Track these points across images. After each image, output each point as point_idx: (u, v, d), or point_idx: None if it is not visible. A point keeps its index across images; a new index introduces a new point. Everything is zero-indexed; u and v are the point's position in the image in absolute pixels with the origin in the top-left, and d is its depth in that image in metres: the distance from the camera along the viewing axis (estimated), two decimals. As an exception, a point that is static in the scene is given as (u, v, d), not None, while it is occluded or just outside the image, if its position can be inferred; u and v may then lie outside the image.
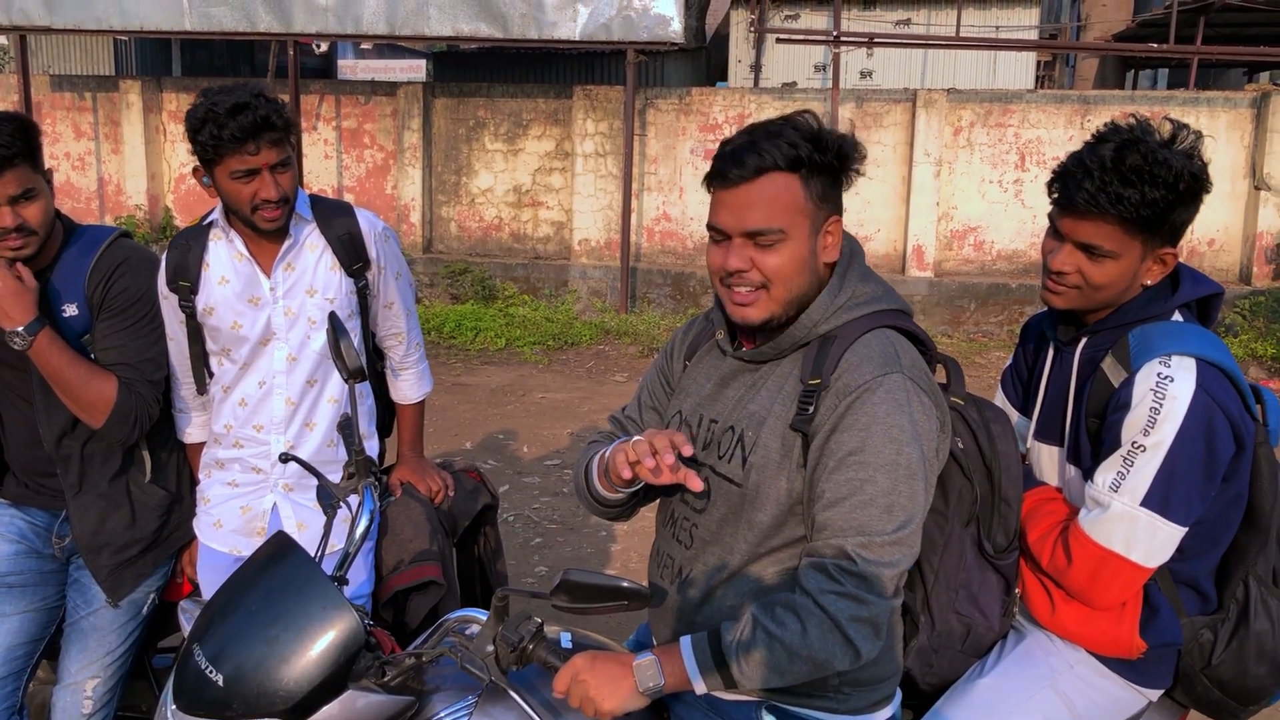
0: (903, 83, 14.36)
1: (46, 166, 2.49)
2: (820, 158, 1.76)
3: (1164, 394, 1.87)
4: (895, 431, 1.70)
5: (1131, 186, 1.89)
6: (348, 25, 10.37)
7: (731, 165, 1.76)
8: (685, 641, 1.75)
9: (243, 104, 2.34)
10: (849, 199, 1.87)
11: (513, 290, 11.38)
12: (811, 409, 1.75)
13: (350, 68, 24.03)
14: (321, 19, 10.34)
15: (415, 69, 23.30)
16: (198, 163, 2.45)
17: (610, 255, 11.36)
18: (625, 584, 1.68)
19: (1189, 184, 1.90)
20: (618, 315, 10.74)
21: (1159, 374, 1.88)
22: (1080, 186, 1.94)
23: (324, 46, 12.32)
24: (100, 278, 2.52)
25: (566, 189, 11.63)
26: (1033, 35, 15.26)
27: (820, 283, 1.84)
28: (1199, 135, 1.98)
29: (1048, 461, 2.14)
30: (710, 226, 1.82)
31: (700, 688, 1.72)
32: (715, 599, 1.86)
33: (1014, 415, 2.30)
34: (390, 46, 22.81)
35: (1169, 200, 1.90)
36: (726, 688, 1.72)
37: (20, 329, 2.37)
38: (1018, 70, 15.13)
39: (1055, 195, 2.02)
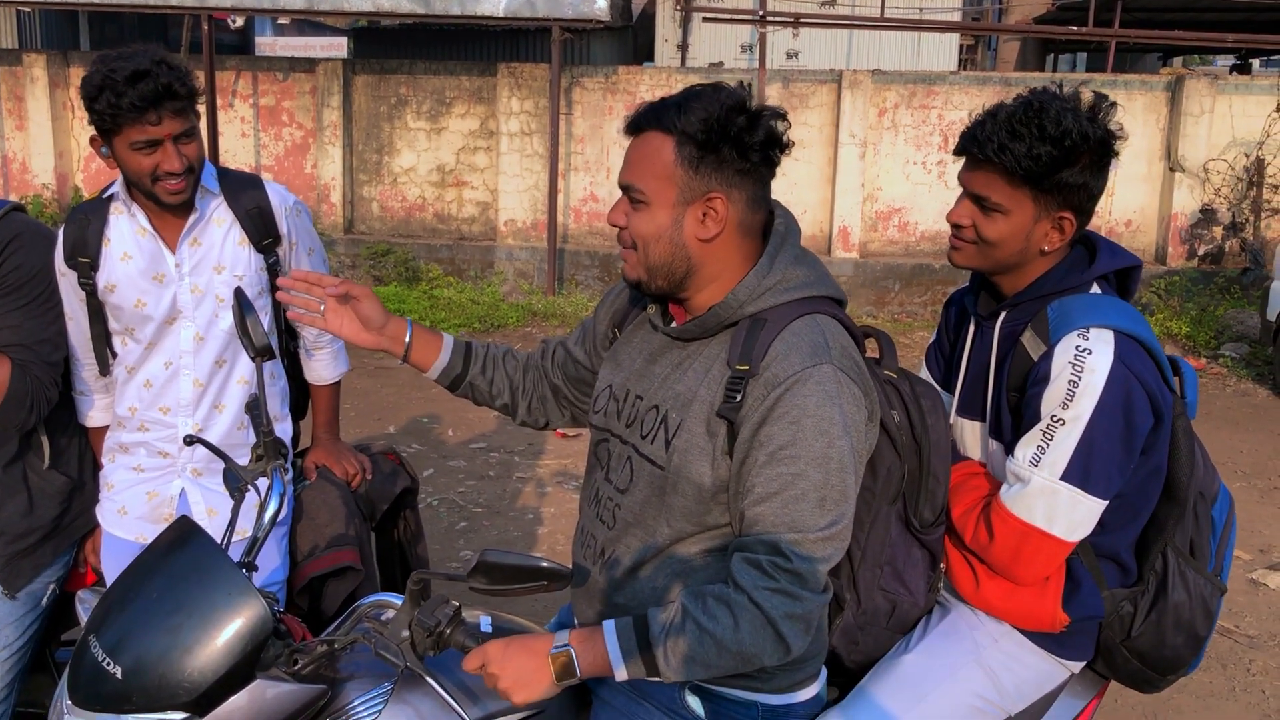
0: (829, 64, 14.44)
1: None
2: (697, 130, 1.68)
3: (1082, 366, 1.86)
4: (826, 424, 1.66)
5: (1019, 140, 1.90)
6: (265, 0, 10.12)
7: (633, 115, 1.78)
8: (609, 626, 1.70)
9: (143, 71, 2.22)
10: (776, 180, 1.83)
11: (437, 272, 11.22)
12: (739, 397, 1.70)
13: (269, 45, 23.47)
14: (237, -8, 10.06)
15: (336, 47, 22.83)
16: (95, 132, 2.33)
17: (537, 236, 11.25)
18: (545, 564, 1.63)
19: (1076, 142, 1.89)
20: (545, 297, 10.65)
21: (1077, 346, 1.87)
22: (973, 136, 1.97)
23: (240, 21, 12.00)
24: None
25: (491, 168, 11.48)
26: (956, 18, 15.44)
27: (726, 260, 1.77)
28: (1113, 105, 1.98)
29: (970, 437, 2.14)
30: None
31: (621, 675, 1.68)
32: (638, 580, 1.82)
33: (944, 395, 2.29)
34: (310, 23, 22.33)
35: (1054, 156, 1.89)
36: (648, 675, 1.68)
37: None
38: (941, 52, 15.32)
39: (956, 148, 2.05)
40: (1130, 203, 10.89)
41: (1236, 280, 10.36)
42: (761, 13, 10.90)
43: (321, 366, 2.77)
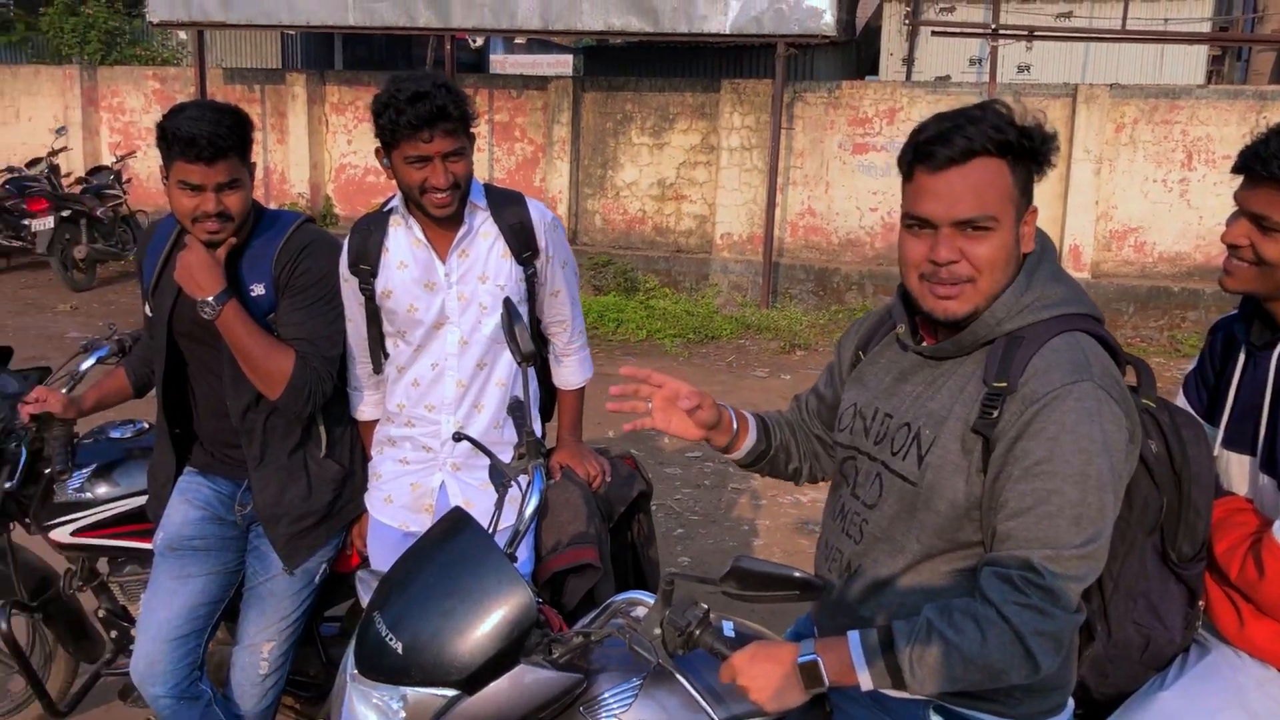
0: (1062, 77, 13.87)
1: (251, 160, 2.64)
2: (1026, 143, 1.71)
3: None
4: (1085, 441, 1.64)
5: None
6: (503, 20, 10.60)
7: (940, 146, 1.69)
8: (854, 636, 1.72)
9: (423, 93, 2.41)
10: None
11: (654, 283, 11.44)
12: (996, 413, 1.70)
13: (501, 63, 24.52)
14: (478, 14, 10.58)
15: (563, 64, 23.63)
16: (379, 145, 2.54)
17: (753, 250, 11.31)
18: (798, 574, 1.67)
19: None
20: (759, 310, 10.69)
21: None
22: (1254, 153, 1.89)
23: (479, 41, 12.62)
24: (286, 260, 2.65)
25: (710, 183, 11.63)
26: (1204, 28, 14.53)
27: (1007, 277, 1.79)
28: None
29: (1237, 471, 2.04)
30: (911, 216, 1.76)
31: (866, 684, 1.70)
32: (884, 595, 1.84)
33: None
34: (539, 42, 23.19)
35: None
36: (894, 688, 1.69)
37: (210, 299, 2.51)
38: (1187, 65, 14.44)
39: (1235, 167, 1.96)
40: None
41: None
42: (994, 26, 10.60)
43: (569, 372, 2.92)
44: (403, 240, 2.63)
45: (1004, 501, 1.67)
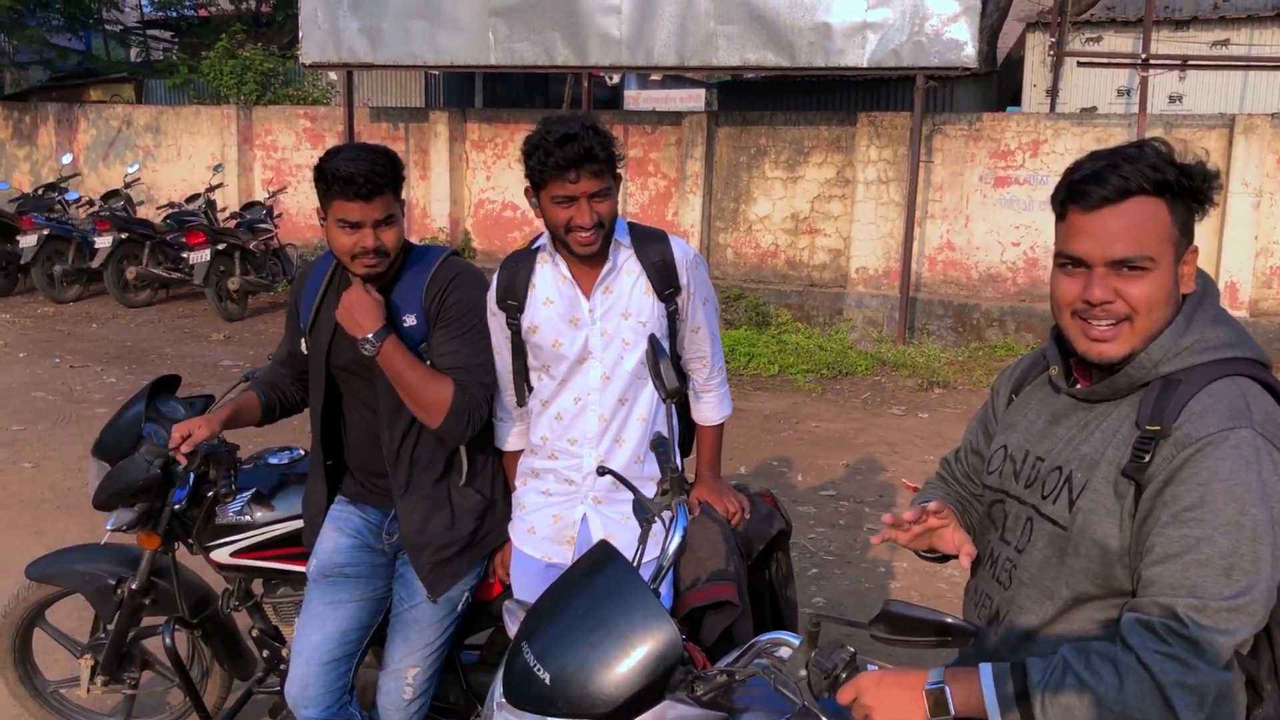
0: (1218, 107, 13.33)
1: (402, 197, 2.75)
2: (1186, 182, 1.67)
3: None
4: (1240, 490, 1.57)
5: None
6: (639, 57, 10.75)
7: (1094, 185, 1.67)
8: (986, 669, 1.67)
9: (571, 135, 2.47)
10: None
11: (786, 317, 11.38)
12: (1148, 457, 1.65)
13: (634, 98, 24.86)
14: (615, 52, 10.77)
15: (695, 98, 23.82)
16: (529, 184, 2.61)
17: (888, 284, 11.15)
18: (949, 620, 1.64)
19: None
20: (895, 346, 10.52)
21: None
22: None
23: (615, 78, 12.83)
24: (436, 291, 2.74)
25: (845, 216, 11.53)
26: (1373, 53, 13.79)
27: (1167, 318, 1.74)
28: None
29: None
30: (1064, 255, 1.74)
31: (995, 717, 1.64)
32: (1032, 644, 1.79)
33: None
34: (673, 77, 23.44)
35: None
36: None
37: (370, 336, 2.61)
38: (1353, 92, 13.71)
39: None
40: None
41: None
42: (1144, 55, 10.26)
43: (708, 408, 2.92)
44: (549, 277, 2.69)
45: (1150, 546, 1.62)
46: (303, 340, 2.90)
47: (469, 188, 13.31)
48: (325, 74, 16.67)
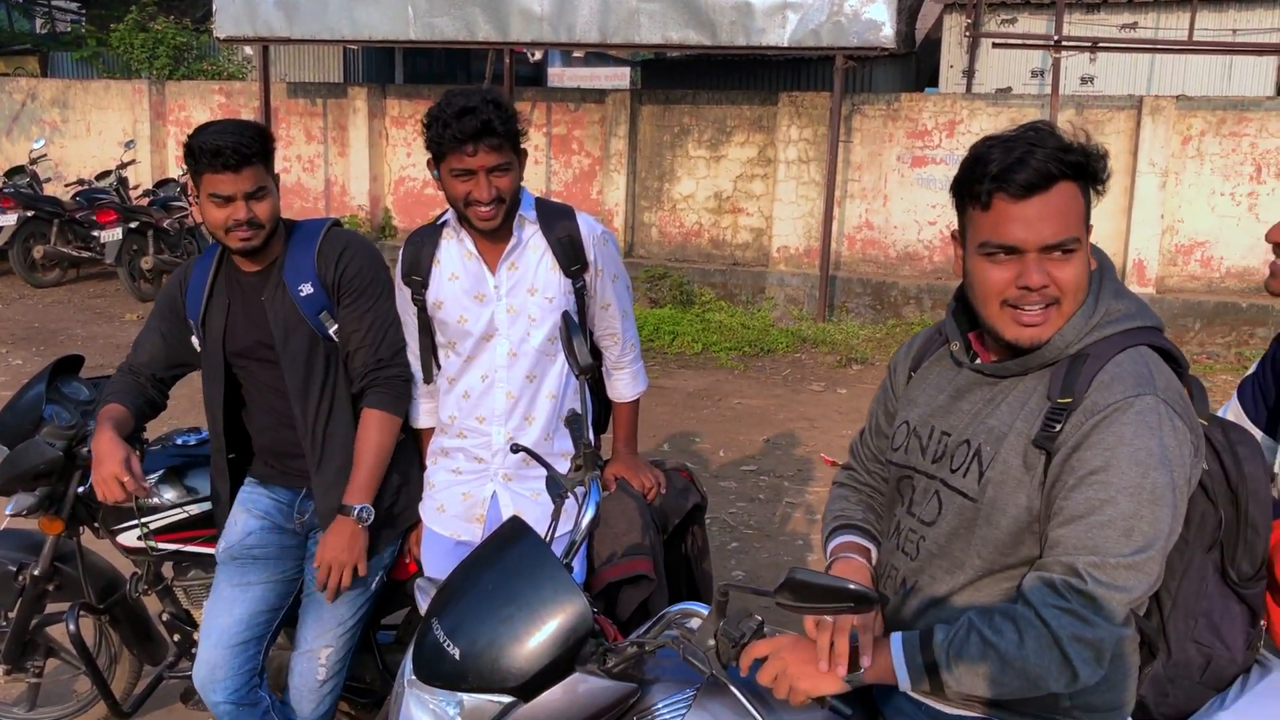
0: (1126, 89, 13.67)
1: (277, 170, 2.73)
2: (1090, 165, 1.72)
3: None
4: (1143, 454, 1.63)
5: None
6: (562, 34, 10.67)
7: (1020, 173, 1.68)
8: (895, 637, 1.74)
9: (470, 108, 2.46)
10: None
11: (710, 296, 11.44)
12: (1059, 427, 1.70)
13: (558, 75, 24.73)
14: (537, 28, 10.68)
15: (620, 76, 23.79)
16: (431, 156, 2.59)
17: (809, 263, 11.26)
18: (853, 586, 1.66)
19: None
20: (815, 323, 10.64)
21: None
22: None
23: (538, 55, 12.72)
24: (329, 260, 2.74)
25: (767, 195, 11.61)
26: (1274, 39, 14.23)
27: None
28: None
29: None
30: (993, 244, 1.74)
31: (905, 685, 1.71)
32: (940, 612, 1.83)
33: (1253, 430, 2.17)
34: (597, 54, 23.34)
35: None
36: (933, 691, 1.69)
37: (362, 513, 2.70)
38: (1256, 76, 14.14)
39: None
40: None
41: None
42: (1057, 37, 10.46)
43: (622, 385, 2.93)
44: (454, 252, 2.68)
45: (1058, 509, 1.67)
46: (193, 336, 2.84)
47: (389, 165, 13.12)
48: (241, 48, 16.29)
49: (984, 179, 1.72)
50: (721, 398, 8.38)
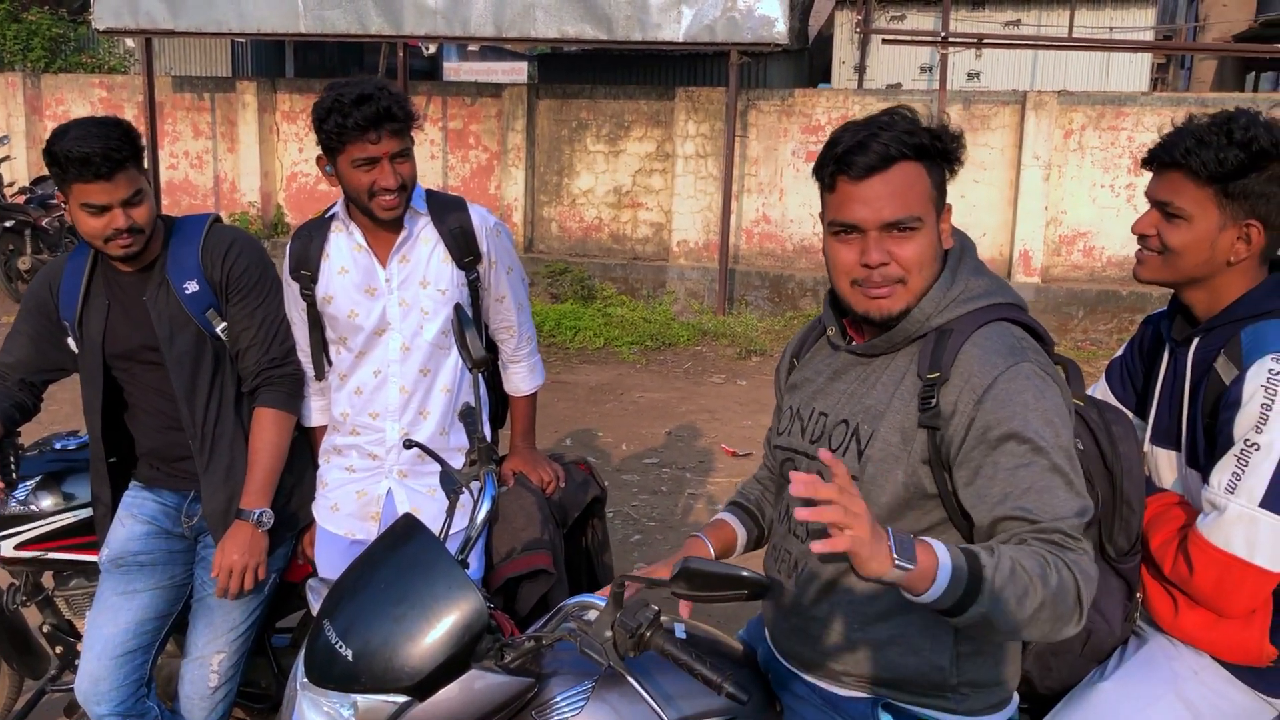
0: (1011, 85, 14.07)
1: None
2: (938, 145, 1.77)
3: (1275, 390, 1.81)
4: (1049, 414, 1.68)
5: (1206, 146, 1.92)
6: (456, 27, 10.56)
7: (860, 155, 1.74)
8: (938, 545, 1.55)
9: (367, 95, 2.42)
10: (955, 202, 1.87)
11: (611, 290, 11.45)
12: (934, 403, 1.73)
13: (454, 70, 24.43)
14: (431, 21, 10.54)
15: (517, 71, 23.61)
16: (321, 152, 2.54)
17: (709, 257, 11.36)
18: (745, 574, 1.68)
19: (1265, 148, 1.90)
20: (715, 317, 10.74)
21: (1270, 370, 1.83)
22: (1160, 143, 2.00)
23: (432, 48, 12.54)
24: (214, 258, 2.66)
25: (666, 190, 11.67)
26: (1148, 36, 14.81)
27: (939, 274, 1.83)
28: None
29: (1166, 466, 2.09)
30: (838, 223, 1.80)
31: (942, 583, 1.52)
32: (833, 593, 1.86)
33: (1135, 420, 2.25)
34: (494, 49, 23.14)
35: (1241, 160, 1.89)
36: (952, 612, 1.55)
37: (261, 518, 2.65)
38: (1132, 72, 14.72)
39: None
40: (1341, 229, 10.21)
41: None
42: (943, 34, 10.73)
43: (519, 379, 2.91)
44: (343, 246, 2.63)
45: (1007, 490, 1.65)
46: (68, 338, 2.72)
47: (280, 160, 12.83)
48: (122, 41, 15.73)
49: (829, 162, 1.79)
50: (623, 392, 8.40)
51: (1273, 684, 1.96)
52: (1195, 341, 2.03)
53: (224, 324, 2.68)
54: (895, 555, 1.48)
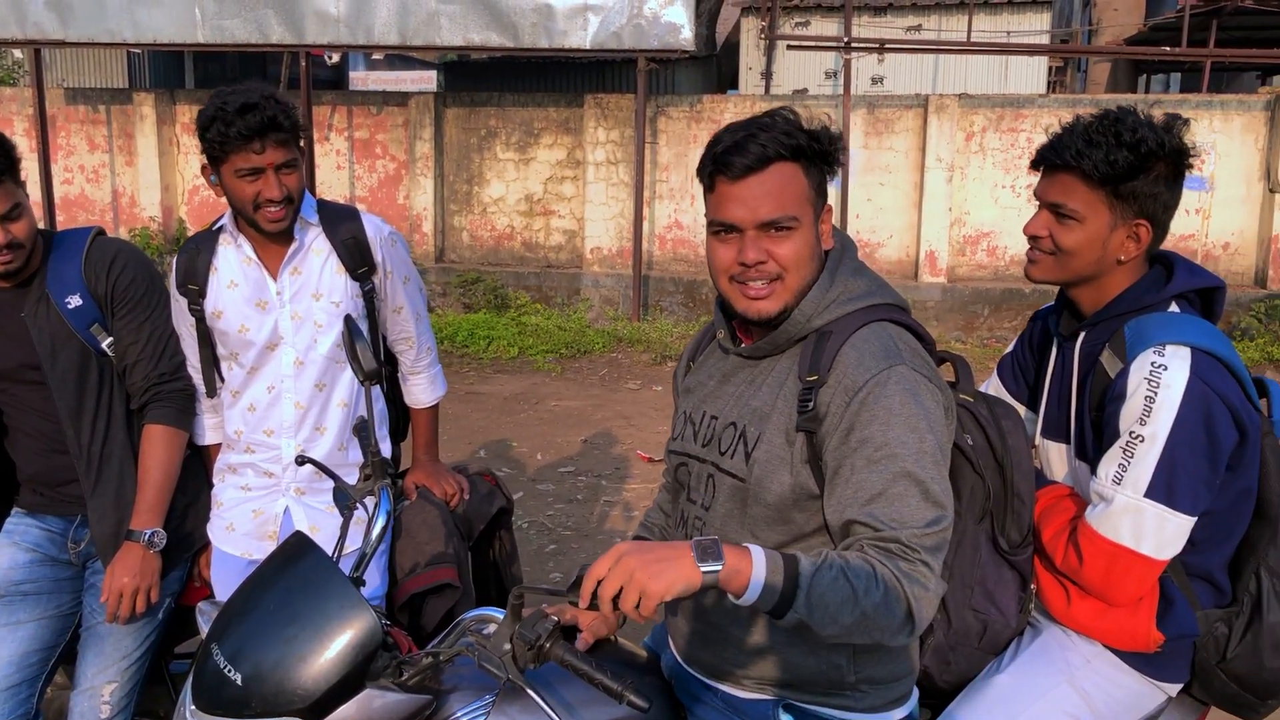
0: (914, 89, 14.35)
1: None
2: (816, 146, 1.78)
3: (1158, 382, 1.86)
4: (914, 420, 1.69)
5: (1096, 147, 1.96)
6: (359, 36, 10.42)
7: (737, 155, 1.75)
8: (754, 546, 1.59)
9: (252, 104, 2.36)
10: (861, 205, 1.89)
11: (525, 299, 11.39)
12: (811, 405, 1.74)
13: (361, 79, 24.13)
14: (334, 30, 10.39)
15: (426, 80, 23.38)
16: (205, 161, 2.47)
17: (622, 263, 11.37)
18: None
19: (1152, 149, 1.94)
20: (630, 323, 10.75)
21: (1153, 363, 1.88)
22: (1050, 147, 2.04)
23: (335, 57, 12.39)
24: (98, 271, 2.58)
25: (578, 197, 11.65)
26: (1044, 40, 15.23)
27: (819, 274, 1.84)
28: (1186, 122, 2.03)
29: (1056, 459, 2.14)
30: (717, 223, 1.81)
31: (755, 590, 1.53)
32: (728, 595, 1.85)
33: (1014, 404, 2.29)
34: (401, 58, 22.92)
35: (1130, 162, 1.94)
36: (776, 614, 1.56)
37: (153, 538, 2.56)
38: (1029, 76, 15.11)
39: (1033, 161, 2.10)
40: (1228, 225, 10.61)
41: (1343, 304, 10.01)
42: (846, 39, 10.90)
43: (419, 390, 2.86)
44: (232, 259, 2.57)
45: (856, 494, 1.68)
46: None
47: (182, 174, 12.52)
48: (10, 51, 15.22)
49: (709, 162, 1.80)
50: (539, 400, 8.36)
51: (1162, 669, 2.02)
52: (1082, 336, 2.07)
53: (110, 339, 2.59)
54: (698, 561, 1.51)
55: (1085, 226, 2.00)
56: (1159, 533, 1.87)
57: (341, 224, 2.60)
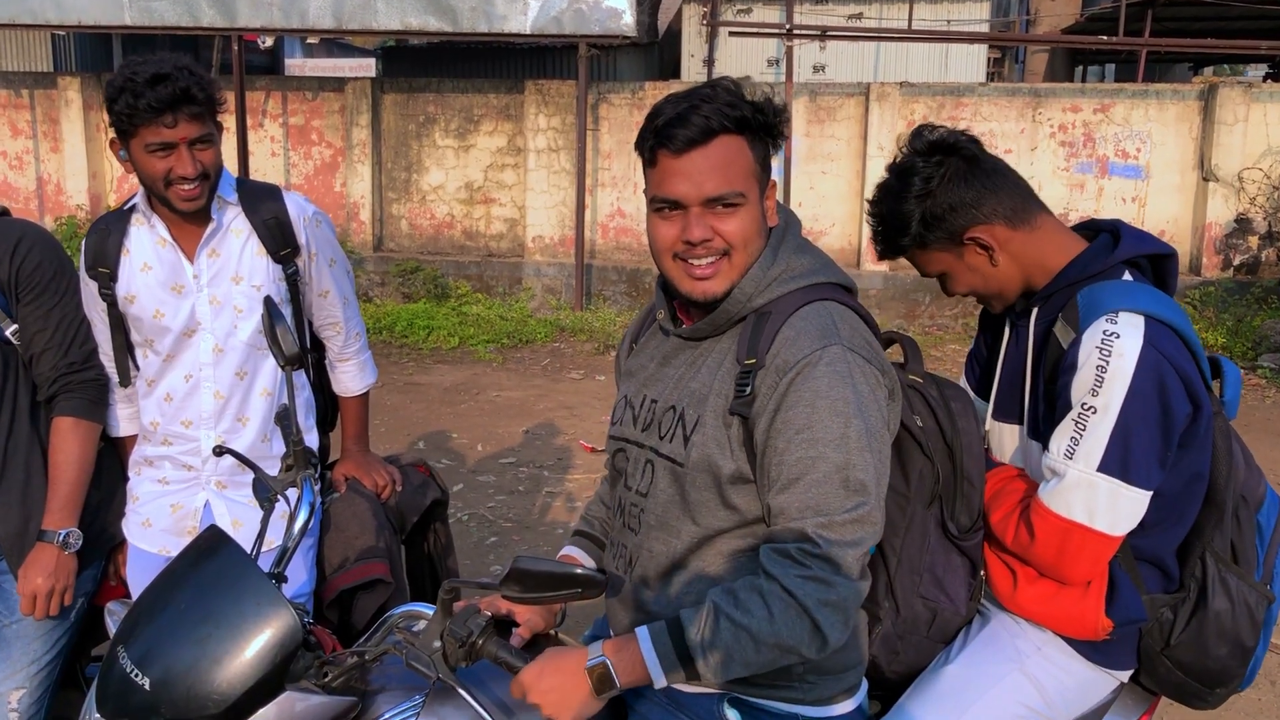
0: (856, 77, 14.38)
1: None
2: (760, 118, 1.71)
3: (1110, 351, 1.79)
4: (840, 404, 1.63)
5: (883, 241, 2.11)
6: (293, 19, 10.18)
7: (680, 128, 1.67)
8: (642, 633, 1.66)
9: (163, 74, 2.23)
10: (804, 194, 1.83)
11: (466, 288, 11.24)
12: (749, 390, 1.68)
13: (298, 66, 23.66)
14: (267, 13, 10.13)
15: (365, 68, 22.99)
16: (114, 135, 2.34)
17: (565, 252, 11.25)
18: (579, 571, 1.59)
19: (911, 210, 2.01)
20: (573, 312, 10.64)
21: (1105, 331, 1.81)
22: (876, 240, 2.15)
23: (269, 42, 12.11)
24: (2, 254, 2.44)
25: (519, 185, 11.51)
26: (983, 29, 15.35)
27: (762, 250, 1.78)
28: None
29: (1008, 440, 2.08)
30: (659, 199, 1.73)
31: (661, 683, 1.64)
32: (670, 584, 1.79)
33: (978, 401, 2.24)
34: (339, 44, 22.53)
35: (914, 234, 2.02)
36: (687, 679, 1.64)
37: (67, 538, 2.42)
38: (969, 64, 15.21)
39: None
40: (1163, 213, 10.76)
41: (1274, 290, 10.20)
42: (788, 26, 10.86)
43: (348, 378, 2.75)
44: (145, 240, 2.43)
45: (774, 477, 1.65)
46: None
47: (110, 161, 12.15)
48: (-71, 34, 14.69)
49: (650, 135, 1.72)
50: (480, 391, 8.23)
51: (1111, 656, 1.97)
52: (1034, 312, 2.02)
53: (14, 326, 2.44)
54: (595, 691, 1.63)
55: (960, 278, 2.08)
56: (1113, 508, 1.81)
57: (262, 203, 2.47)
